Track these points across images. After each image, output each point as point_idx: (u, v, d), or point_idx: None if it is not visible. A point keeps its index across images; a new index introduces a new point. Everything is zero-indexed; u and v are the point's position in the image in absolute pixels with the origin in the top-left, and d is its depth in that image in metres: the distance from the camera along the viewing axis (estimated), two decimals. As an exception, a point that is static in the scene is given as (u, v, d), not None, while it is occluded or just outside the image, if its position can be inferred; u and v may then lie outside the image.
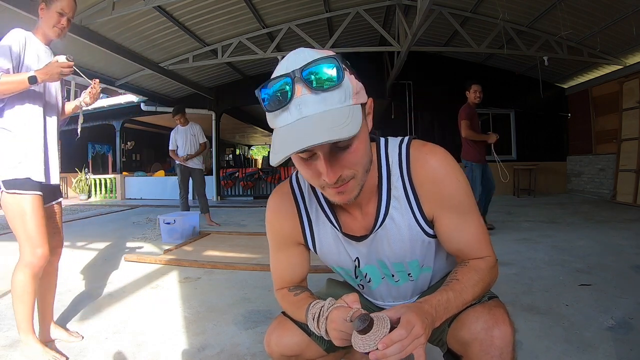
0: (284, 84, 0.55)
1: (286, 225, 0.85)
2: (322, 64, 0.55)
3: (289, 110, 0.56)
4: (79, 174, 10.02)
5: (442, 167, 0.74)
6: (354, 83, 0.60)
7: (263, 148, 22.85)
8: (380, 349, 0.55)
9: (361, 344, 0.59)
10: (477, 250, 0.77)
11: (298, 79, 0.55)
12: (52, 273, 1.65)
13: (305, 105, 0.55)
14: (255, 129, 14.30)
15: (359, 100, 0.60)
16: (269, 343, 0.88)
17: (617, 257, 2.77)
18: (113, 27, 5.04)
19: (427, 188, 0.75)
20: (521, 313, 1.81)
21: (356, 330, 0.59)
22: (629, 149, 6.08)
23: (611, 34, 5.57)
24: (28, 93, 1.47)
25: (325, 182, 0.61)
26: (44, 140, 1.54)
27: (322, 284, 1.07)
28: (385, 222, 0.77)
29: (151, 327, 1.80)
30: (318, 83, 0.55)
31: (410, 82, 8.17)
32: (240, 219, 5.61)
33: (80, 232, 4.61)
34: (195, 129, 4.84)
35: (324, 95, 0.55)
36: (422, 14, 4.14)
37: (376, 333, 0.58)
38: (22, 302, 1.44)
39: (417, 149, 0.76)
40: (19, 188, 1.43)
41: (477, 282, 0.72)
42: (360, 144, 0.61)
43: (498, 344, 0.66)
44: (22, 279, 1.43)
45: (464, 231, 0.76)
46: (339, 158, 0.60)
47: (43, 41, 1.56)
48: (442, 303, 0.66)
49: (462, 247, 0.77)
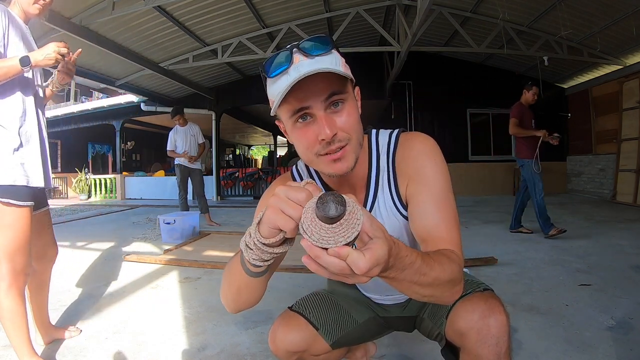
0: (284, 54, 0.63)
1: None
2: (315, 37, 0.64)
3: (288, 73, 0.61)
4: (79, 174, 10.03)
5: (423, 147, 0.76)
6: (342, 59, 0.67)
7: (263, 148, 22.85)
8: (341, 255, 0.41)
9: (323, 235, 0.42)
10: (446, 239, 0.68)
11: (296, 50, 0.62)
12: (47, 281, 1.58)
13: (302, 66, 0.61)
14: (255, 129, 14.29)
15: (347, 72, 0.65)
16: (274, 340, 0.88)
17: (617, 257, 2.78)
18: (113, 27, 5.04)
19: (405, 164, 0.77)
20: (521, 313, 1.81)
21: (321, 214, 0.42)
22: (629, 149, 6.08)
23: (611, 34, 5.58)
24: (19, 81, 1.31)
25: (322, 145, 0.64)
26: (40, 138, 1.39)
27: (322, 284, 1.07)
28: (373, 210, 0.80)
29: (151, 327, 1.80)
30: (311, 49, 0.62)
31: (410, 82, 8.17)
32: (240, 219, 5.61)
33: (80, 232, 4.61)
34: (195, 129, 4.81)
35: (317, 58, 0.62)
36: (422, 14, 4.14)
37: (347, 227, 0.42)
38: (16, 327, 1.29)
39: (406, 135, 0.81)
40: (14, 197, 1.27)
41: (445, 269, 0.58)
42: (352, 108, 0.66)
43: (494, 332, 0.68)
44: (8, 304, 1.27)
45: (434, 214, 0.70)
46: (334, 119, 0.64)
47: (22, 19, 1.38)
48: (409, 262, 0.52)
49: (430, 229, 0.69)
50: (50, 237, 1.58)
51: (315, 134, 0.63)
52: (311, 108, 0.63)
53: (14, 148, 1.28)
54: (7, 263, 1.28)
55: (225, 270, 0.70)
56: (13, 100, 1.30)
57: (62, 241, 3.92)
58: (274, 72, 0.63)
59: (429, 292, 0.57)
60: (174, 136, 4.75)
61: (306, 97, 0.62)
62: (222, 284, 0.70)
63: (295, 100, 0.62)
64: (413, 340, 1.55)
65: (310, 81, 0.60)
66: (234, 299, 0.69)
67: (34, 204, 1.37)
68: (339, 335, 0.94)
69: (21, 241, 1.30)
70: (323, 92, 0.62)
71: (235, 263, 0.64)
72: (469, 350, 0.71)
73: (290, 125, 0.66)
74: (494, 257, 2.74)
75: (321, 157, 0.66)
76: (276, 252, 0.54)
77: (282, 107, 0.65)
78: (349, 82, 0.67)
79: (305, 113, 0.63)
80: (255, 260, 0.55)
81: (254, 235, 0.53)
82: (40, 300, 1.57)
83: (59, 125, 10.09)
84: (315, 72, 0.58)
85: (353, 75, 0.67)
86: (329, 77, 0.61)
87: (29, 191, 1.33)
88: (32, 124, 1.35)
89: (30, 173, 1.32)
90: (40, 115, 1.41)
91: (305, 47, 0.62)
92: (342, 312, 0.97)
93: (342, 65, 0.65)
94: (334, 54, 0.64)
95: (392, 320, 1.02)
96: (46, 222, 1.55)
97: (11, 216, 1.28)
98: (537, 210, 3.61)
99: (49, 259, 1.58)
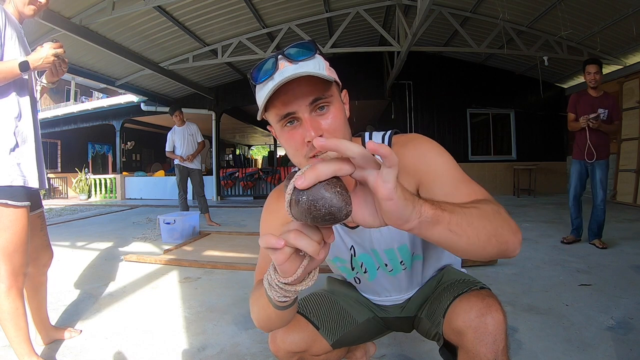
0: (270, 61, 0.65)
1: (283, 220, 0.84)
2: (298, 44, 0.66)
3: (273, 78, 0.63)
4: (79, 174, 10.02)
5: (417, 140, 0.77)
6: (326, 63, 0.69)
7: (263, 148, 22.85)
8: (328, 147, 0.40)
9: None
10: (468, 192, 0.65)
11: (281, 57, 0.65)
12: (43, 283, 1.56)
13: (286, 71, 0.63)
14: (255, 129, 14.30)
15: (332, 75, 0.67)
16: (274, 340, 0.88)
17: (617, 257, 2.78)
18: (113, 27, 5.04)
19: (403, 161, 0.71)
20: (521, 313, 1.81)
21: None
22: (629, 149, 6.09)
23: (611, 34, 5.58)
24: (15, 82, 1.30)
25: (309, 147, 0.64)
26: (36, 138, 1.37)
27: (322, 284, 1.07)
28: None
29: (151, 327, 1.80)
30: (295, 55, 0.65)
31: (410, 82, 8.17)
32: (240, 219, 5.61)
33: (80, 232, 4.61)
34: (192, 128, 4.82)
35: (300, 63, 0.64)
36: (422, 14, 4.14)
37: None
38: (16, 327, 1.30)
39: (400, 137, 0.81)
40: (11, 198, 1.26)
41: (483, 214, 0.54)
42: (337, 111, 0.67)
43: (491, 330, 0.69)
44: (8, 305, 1.27)
45: (451, 191, 0.67)
46: (319, 122, 0.65)
47: (17, 18, 1.36)
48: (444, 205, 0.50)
49: (448, 191, 0.66)
50: (44, 240, 1.56)
51: (302, 136, 0.65)
52: (297, 112, 0.64)
53: (10, 148, 1.28)
54: (6, 264, 1.27)
55: (252, 297, 0.72)
56: (8, 100, 1.29)
57: (62, 241, 3.93)
58: (261, 79, 0.65)
59: (492, 233, 0.53)
60: (172, 137, 4.76)
61: (291, 101, 0.63)
62: (252, 307, 0.72)
63: (282, 104, 0.64)
64: (413, 340, 1.55)
65: (295, 86, 0.62)
66: (267, 325, 0.72)
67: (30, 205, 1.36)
68: (339, 335, 0.94)
69: (19, 242, 1.29)
70: (307, 96, 0.63)
71: (263, 299, 0.63)
72: (466, 349, 0.71)
73: (278, 129, 0.68)
74: (494, 257, 2.74)
75: (310, 160, 0.66)
76: (298, 290, 0.55)
77: (270, 112, 0.67)
78: (334, 85, 0.68)
79: (292, 118, 0.65)
80: (280, 298, 0.57)
81: (274, 277, 0.54)
82: (38, 301, 1.56)
83: (59, 125, 10.08)
84: (297, 76, 0.60)
85: (352, 76, 0.67)
86: (313, 81, 0.62)
87: (26, 192, 1.32)
88: (27, 125, 1.34)
89: (26, 173, 1.32)
90: (35, 116, 1.40)
91: (289, 53, 0.64)
92: (342, 312, 0.97)
93: (325, 69, 0.66)
94: (317, 59, 0.66)
95: (391, 320, 1.02)
96: (39, 224, 1.53)
97: (8, 217, 1.27)
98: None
99: (43, 263, 1.55)
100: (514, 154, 8.37)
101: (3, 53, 1.26)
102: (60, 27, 4.28)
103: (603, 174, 3.05)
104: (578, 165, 3.21)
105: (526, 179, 7.84)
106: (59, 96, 15.84)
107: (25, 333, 1.33)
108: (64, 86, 16.06)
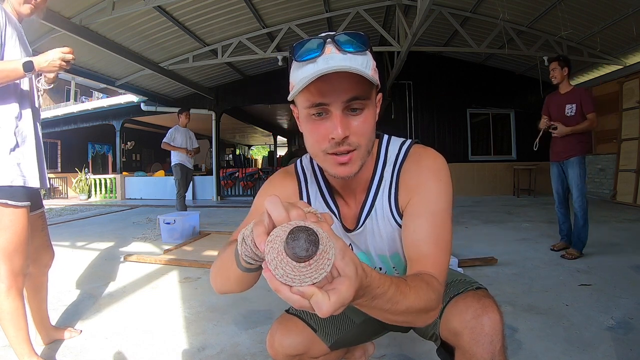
0: (317, 42, 0.60)
1: (283, 195, 0.82)
2: (351, 33, 0.61)
3: (316, 62, 0.59)
4: (79, 174, 10.02)
5: (432, 163, 0.74)
6: (373, 63, 0.64)
7: (263, 148, 22.85)
8: (305, 295, 0.39)
9: (289, 272, 0.39)
10: (432, 260, 0.66)
11: (330, 41, 0.60)
12: (44, 284, 1.56)
13: (332, 59, 0.59)
14: (255, 129, 14.29)
15: (375, 77, 0.63)
16: (272, 344, 0.88)
17: (617, 257, 2.78)
18: (113, 27, 5.04)
19: (409, 177, 0.75)
20: (521, 313, 1.81)
21: (290, 252, 0.38)
22: (629, 149, 6.08)
23: (611, 34, 5.58)
24: (15, 81, 1.29)
25: (331, 144, 0.62)
26: (36, 138, 1.36)
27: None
28: (371, 214, 0.79)
29: (151, 327, 1.80)
30: (345, 44, 0.60)
31: (410, 82, 8.18)
32: (240, 219, 5.57)
33: (80, 232, 4.61)
34: (191, 133, 5.05)
35: (350, 55, 0.59)
36: (422, 14, 4.13)
37: (315, 268, 0.39)
38: (16, 328, 1.29)
39: (416, 149, 0.78)
40: (11, 198, 1.25)
41: (420, 297, 0.57)
42: (370, 115, 0.65)
43: (488, 331, 0.68)
44: (8, 305, 1.27)
45: (427, 231, 0.68)
46: (350, 122, 0.62)
47: (16, 17, 1.33)
48: (380, 293, 0.51)
49: (420, 246, 0.68)
50: (45, 240, 1.55)
51: (327, 131, 0.62)
52: (330, 105, 0.61)
53: (10, 148, 1.27)
54: (6, 264, 1.27)
55: (219, 253, 0.68)
56: (9, 100, 1.28)
57: (62, 241, 3.93)
58: (303, 57, 0.60)
59: (401, 319, 0.56)
60: (174, 132, 4.86)
61: (328, 92, 0.60)
62: (215, 262, 0.68)
63: (317, 91, 0.60)
64: (412, 340, 1.55)
65: (336, 77, 0.58)
66: (222, 284, 0.67)
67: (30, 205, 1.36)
68: (337, 337, 0.94)
69: (19, 242, 1.29)
70: (346, 92, 0.60)
71: (230, 252, 0.60)
72: (463, 349, 0.70)
73: (304, 115, 0.65)
74: (494, 257, 2.75)
75: (328, 156, 0.65)
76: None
77: (300, 95, 0.63)
78: (374, 88, 0.65)
79: (323, 109, 0.62)
80: (247, 257, 0.51)
81: (249, 234, 0.49)
82: (39, 302, 1.56)
83: (59, 125, 10.08)
84: (343, 70, 0.56)
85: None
86: (356, 79, 0.59)
87: (26, 191, 1.31)
88: (27, 124, 1.34)
89: (26, 173, 1.31)
90: (35, 116, 1.40)
91: (340, 40, 0.60)
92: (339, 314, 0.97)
93: (372, 69, 0.62)
94: (367, 56, 0.62)
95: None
96: (40, 224, 1.52)
97: (9, 217, 1.26)
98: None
99: (44, 263, 1.55)
100: (513, 154, 8.37)
101: (3, 53, 1.25)
102: (60, 27, 4.29)
103: (574, 172, 2.88)
104: (554, 168, 3.14)
105: (526, 179, 7.84)
106: (59, 96, 15.84)
107: (25, 333, 1.33)
108: (64, 86, 16.05)
